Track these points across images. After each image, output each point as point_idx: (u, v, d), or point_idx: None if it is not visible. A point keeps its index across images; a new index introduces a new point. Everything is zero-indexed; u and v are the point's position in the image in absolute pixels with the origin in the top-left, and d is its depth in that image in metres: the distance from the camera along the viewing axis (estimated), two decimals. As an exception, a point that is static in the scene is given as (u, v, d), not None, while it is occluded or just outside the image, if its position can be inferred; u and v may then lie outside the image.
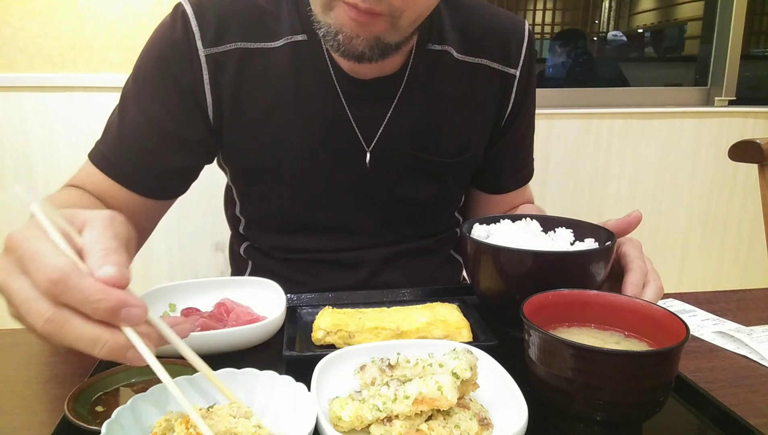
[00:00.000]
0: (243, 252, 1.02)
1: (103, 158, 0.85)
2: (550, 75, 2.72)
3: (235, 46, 0.83)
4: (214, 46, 0.82)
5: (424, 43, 0.87)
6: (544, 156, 2.26)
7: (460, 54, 0.89)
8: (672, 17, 2.91)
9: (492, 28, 0.91)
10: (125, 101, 0.86)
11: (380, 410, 0.49)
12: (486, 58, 0.90)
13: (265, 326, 0.67)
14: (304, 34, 0.83)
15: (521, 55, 0.92)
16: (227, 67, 0.83)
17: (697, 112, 2.34)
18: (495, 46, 0.91)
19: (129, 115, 0.85)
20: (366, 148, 0.87)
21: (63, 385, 0.64)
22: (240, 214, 0.99)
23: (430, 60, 0.88)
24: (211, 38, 0.82)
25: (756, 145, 1.25)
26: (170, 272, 2.11)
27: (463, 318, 0.70)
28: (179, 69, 0.83)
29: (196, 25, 0.82)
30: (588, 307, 0.60)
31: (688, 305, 0.87)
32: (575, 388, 0.50)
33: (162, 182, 0.88)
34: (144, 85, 0.85)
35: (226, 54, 0.83)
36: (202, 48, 0.82)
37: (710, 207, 2.42)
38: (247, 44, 0.83)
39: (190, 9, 0.83)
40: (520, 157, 1.03)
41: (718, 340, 0.75)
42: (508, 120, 0.96)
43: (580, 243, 0.73)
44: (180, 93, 0.83)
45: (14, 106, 1.95)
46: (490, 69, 0.91)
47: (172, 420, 0.48)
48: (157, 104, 0.84)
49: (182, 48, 0.82)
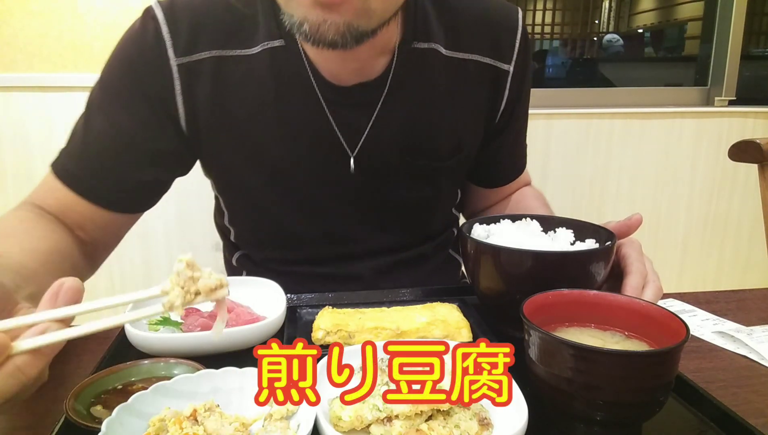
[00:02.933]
0: (236, 262, 1.00)
1: (65, 171, 0.81)
2: (550, 75, 2.72)
3: (210, 55, 0.79)
4: (186, 54, 0.79)
5: (409, 42, 0.83)
6: (544, 156, 2.26)
7: (449, 50, 0.85)
8: (672, 17, 2.91)
9: (481, 21, 0.86)
10: (90, 109, 0.82)
11: (380, 410, 0.49)
12: (476, 54, 0.86)
13: (265, 326, 0.67)
14: (282, 39, 0.80)
15: (515, 49, 0.88)
16: (201, 76, 0.79)
17: (697, 112, 2.34)
18: (485, 40, 0.86)
19: (94, 125, 0.81)
20: (350, 153, 0.84)
21: (63, 385, 0.64)
22: (229, 224, 0.96)
23: (415, 59, 0.83)
24: (184, 46, 0.78)
25: (756, 145, 1.25)
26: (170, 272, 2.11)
27: (463, 318, 0.70)
28: (148, 78, 0.79)
29: (167, 32, 0.78)
30: (588, 307, 0.60)
31: (688, 305, 0.87)
32: (575, 388, 0.50)
33: (129, 196, 0.84)
34: (111, 93, 0.81)
35: (200, 63, 0.79)
36: (174, 57, 0.78)
37: (710, 207, 2.42)
38: (222, 52, 0.79)
39: (161, 14, 0.79)
40: (516, 151, 1.02)
41: (718, 340, 0.75)
42: (503, 117, 0.93)
43: (581, 243, 0.73)
44: (149, 103, 0.80)
45: (14, 106, 1.95)
46: (481, 64, 0.87)
47: (166, 420, 0.48)
48: (124, 114, 0.80)
49: (152, 56, 0.78)
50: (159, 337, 0.67)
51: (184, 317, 0.72)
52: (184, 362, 0.60)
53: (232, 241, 0.99)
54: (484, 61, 0.87)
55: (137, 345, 0.66)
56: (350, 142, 0.84)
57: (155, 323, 0.71)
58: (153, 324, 0.71)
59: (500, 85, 0.89)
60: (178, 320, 0.72)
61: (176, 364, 0.60)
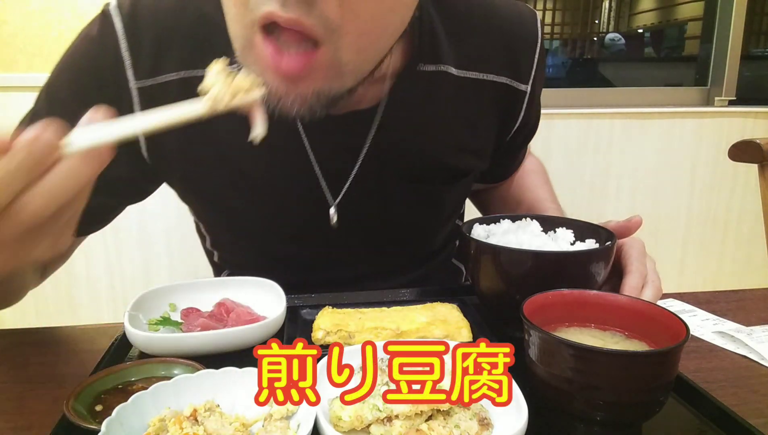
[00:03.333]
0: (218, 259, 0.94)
1: None
2: (550, 75, 2.72)
3: (177, 77, 0.68)
4: (149, 77, 0.68)
5: (415, 64, 0.73)
6: (544, 156, 2.23)
7: (460, 70, 0.76)
8: (672, 17, 2.91)
9: (497, 33, 0.77)
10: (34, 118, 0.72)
11: (380, 410, 0.49)
12: (491, 73, 0.78)
13: (265, 326, 0.67)
14: None
15: (533, 66, 0.80)
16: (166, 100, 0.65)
17: (697, 112, 2.34)
18: (501, 56, 0.78)
19: None
20: (331, 201, 0.75)
21: (63, 385, 0.64)
22: (212, 247, 0.92)
23: (420, 83, 0.74)
24: (146, 68, 0.68)
25: (756, 145, 1.25)
26: (170, 272, 2.11)
27: (463, 318, 0.70)
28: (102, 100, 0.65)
29: (126, 49, 0.68)
30: (588, 307, 0.60)
31: (688, 305, 0.87)
32: (575, 388, 0.50)
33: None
34: (55, 107, 0.71)
35: (165, 86, 0.69)
36: (134, 79, 0.68)
37: (710, 207, 2.42)
38: (191, 72, 0.68)
39: (120, 26, 0.68)
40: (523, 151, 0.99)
41: (718, 340, 0.75)
42: (515, 134, 0.87)
43: (581, 243, 0.73)
44: None
45: (14, 106, 1.95)
46: (496, 85, 0.78)
47: (166, 420, 0.48)
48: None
49: (108, 76, 0.68)
50: (159, 337, 0.67)
51: (183, 317, 0.72)
52: (184, 362, 0.60)
53: (216, 262, 0.94)
54: (499, 81, 0.78)
55: (137, 345, 0.66)
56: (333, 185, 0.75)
57: (155, 323, 0.71)
58: (153, 324, 0.71)
59: (516, 106, 0.82)
60: (178, 320, 0.72)
61: (176, 364, 0.60)
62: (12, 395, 0.62)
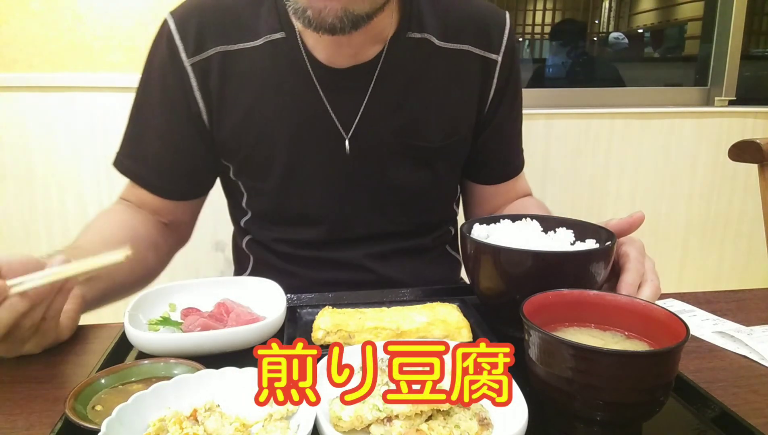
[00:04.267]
0: (245, 246, 1.04)
1: (127, 169, 0.94)
2: (550, 75, 2.72)
3: (216, 51, 0.87)
4: (196, 54, 0.87)
5: (403, 32, 0.89)
6: (544, 156, 2.26)
7: (442, 41, 0.91)
8: (672, 17, 2.91)
9: (473, 16, 0.94)
10: (135, 114, 0.93)
11: (380, 410, 0.49)
12: (468, 44, 0.93)
13: (265, 326, 0.67)
14: (282, 32, 0.87)
15: (503, 43, 0.95)
16: (212, 71, 0.88)
17: (697, 112, 2.34)
18: (476, 33, 0.93)
19: (138, 129, 0.93)
20: (344, 135, 0.90)
21: (63, 385, 0.64)
22: (246, 206, 1.00)
23: (409, 47, 0.90)
24: (193, 48, 0.87)
25: (756, 145, 1.25)
26: (170, 272, 2.11)
27: (463, 318, 0.70)
28: (172, 82, 0.89)
29: (178, 38, 0.88)
30: (588, 307, 0.60)
31: (687, 305, 0.87)
32: (575, 388, 0.50)
33: (181, 186, 0.96)
34: (149, 99, 0.92)
35: (209, 60, 0.87)
36: (186, 58, 0.87)
37: (710, 207, 2.42)
38: (227, 47, 0.87)
39: (173, 24, 0.89)
40: (506, 146, 1.04)
41: (718, 340, 0.75)
42: (491, 106, 0.98)
43: (581, 243, 0.73)
44: (178, 103, 0.89)
45: (14, 106, 1.95)
46: (472, 54, 0.93)
47: (166, 420, 0.48)
48: (161, 116, 0.91)
49: (170, 62, 0.88)
50: (159, 337, 0.67)
51: (183, 317, 0.72)
52: (184, 362, 0.60)
53: (242, 227, 1.04)
54: (474, 52, 0.93)
55: (137, 345, 0.66)
56: (344, 124, 0.90)
57: (155, 323, 0.71)
58: (153, 324, 0.71)
59: (489, 74, 0.95)
60: (178, 320, 0.72)
61: (176, 364, 0.60)
62: (12, 395, 0.62)
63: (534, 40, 2.90)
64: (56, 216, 2.03)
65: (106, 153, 2.06)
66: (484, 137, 1.00)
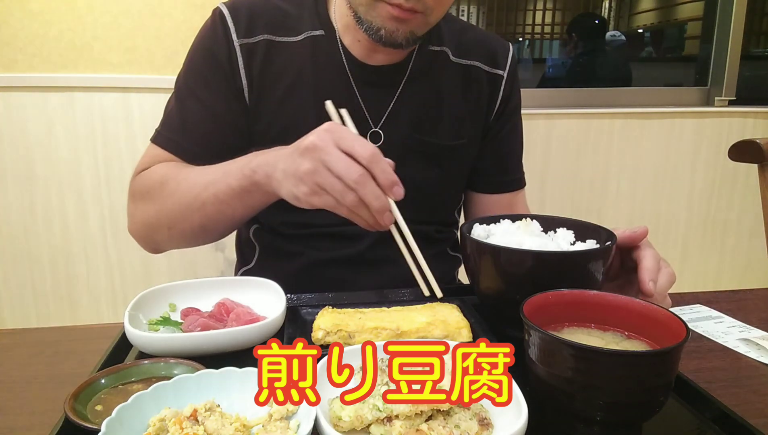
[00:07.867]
0: (252, 235, 1.06)
1: (170, 142, 0.97)
2: (550, 75, 2.72)
3: (263, 38, 0.96)
4: (246, 37, 0.95)
5: (426, 45, 1.01)
6: (544, 156, 2.26)
7: (455, 57, 1.03)
8: (672, 17, 2.91)
9: (482, 41, 1.07)
10: (181, 92, 0.99)
11: (380, 410, 0.49)
12: (477, 61, 1.05)
13: (265, 326, 0.67)
14: (322, 30, 0.97)
15: (507, 62, 1.08)
16: (257, 55, 0.96)
17: (697, 112, 2.34)
18: (485, 53, 1.06)
19: (187, 104, 0.97)
20: (374, 127, 0.98)
21: (63, 385, 0.64)
22: None
23: (429, 57, 1.01)
24: (244, 30, 0.95)
25: (756, 145, 1.25)
26: (170, 272, 2.11)
27: (463, 318, 0.70)
28: (222, 58, 0.95)
29: (231, 21, 0.96)
30: (588, 307, 0.60)
31: (714, 311, 0.86)
32: (575, 388, 0.50)
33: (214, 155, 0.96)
34: (196, 77, 0.97)
35: (256, 44, 0.96)
36: (237, 39, 0.95)
37: (710, 207, 2.42)
38: (273, 37, 0.96)
39: (226, 10, 0.97)
40: (504, 157, 1.11)
41: (741, 347, 0.75)
42: (496, 116, 1.07)
43: (581, 243, 0.73)
44: (225, 78, 0.96)
45: (14, 106, 1.95)
46: (481, 70, 1.05)
47: (166, 420, 0.48)
48: (209, 91, 0.96)
49: (222, 40, 0.95)
50: (159, 337, 0.67)
51: (183, 317, 0.72)
52: (184, 362, 0.60)
53: None
54: (483, 68, 1.05)
55: (137, 345, 0.66)
56: (374, 117, 0.98)
57: (155, 323, 0.71)
58: (153, 324, 0.71)
59: (496, 87, 1.07)
60: (178, 320, 0.72)
61: (176, 364, 0.60)
62: (12, 395, 0.62)
63: (534, 40, 2.90)
64: (56, 216, 2.03)
65: (106, 153, 2.07)
66: (486, 145, 1.08)
